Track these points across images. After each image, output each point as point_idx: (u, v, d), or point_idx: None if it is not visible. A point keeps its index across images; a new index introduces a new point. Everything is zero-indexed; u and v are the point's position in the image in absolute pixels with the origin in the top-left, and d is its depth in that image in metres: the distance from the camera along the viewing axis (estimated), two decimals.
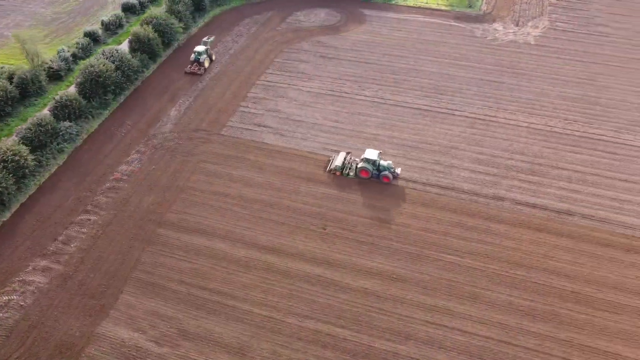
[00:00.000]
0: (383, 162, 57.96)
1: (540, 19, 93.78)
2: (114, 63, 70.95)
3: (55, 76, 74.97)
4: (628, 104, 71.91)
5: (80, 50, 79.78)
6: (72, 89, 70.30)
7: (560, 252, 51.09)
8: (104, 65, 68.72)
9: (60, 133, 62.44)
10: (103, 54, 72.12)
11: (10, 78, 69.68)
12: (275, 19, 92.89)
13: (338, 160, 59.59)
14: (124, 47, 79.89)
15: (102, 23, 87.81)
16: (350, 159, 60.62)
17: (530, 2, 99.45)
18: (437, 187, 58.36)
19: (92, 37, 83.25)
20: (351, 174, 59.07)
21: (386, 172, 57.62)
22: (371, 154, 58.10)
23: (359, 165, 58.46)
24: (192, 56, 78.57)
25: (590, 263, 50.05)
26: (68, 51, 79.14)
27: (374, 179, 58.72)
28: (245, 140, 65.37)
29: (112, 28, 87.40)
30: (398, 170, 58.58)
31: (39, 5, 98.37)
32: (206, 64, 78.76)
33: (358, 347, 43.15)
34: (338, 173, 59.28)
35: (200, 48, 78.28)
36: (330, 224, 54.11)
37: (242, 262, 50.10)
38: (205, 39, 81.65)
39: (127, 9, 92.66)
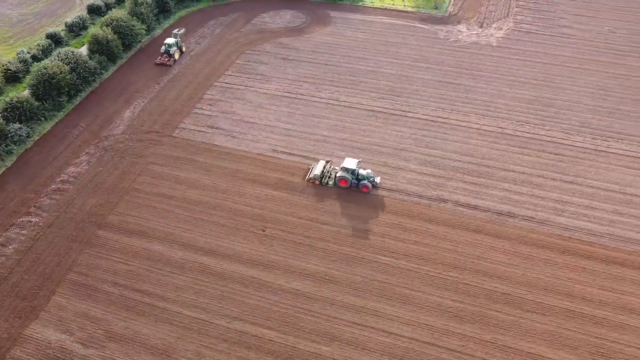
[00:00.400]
0: (362, 171, 57.41)
1: (506, 20, 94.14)
2: (69, 65, 71.12)
3: (13, 78, 75.17)
4: (582, 106, 72.22)
5: (40, 52, 79.97)
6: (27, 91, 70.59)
7: (496, 254, 51.34)
8: (58, 67, 68.92)
9: (9, 135, 62.63)
10: (58, 56, 72.31)
11: None
12: (240, 21, 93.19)
13: (317, 169, 58.75)
14: (86, 49, 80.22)
15: (66, 25, 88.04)
16: (330, 167, 59.94)
17: (497, 3, 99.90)
18: (381, 189, 58.57)
19: (53, 38, 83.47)
20: (330, 182, 58.33)
21: (365, 182, 57.07)
22: (350, 163, 57.35)
23: (337, 175, 57.80)
24: (162, 48, 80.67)
25: (524, 265, 50.31)
26: (28, 53, 79.38)
27: (354, 188, 58.04)
28: (196, 142, 65.62)
29: (76, 30, 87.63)
30: (377, 180, 57.92)
31: (7, 6, 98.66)
32: (176, 56, 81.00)
33: (282, 348, 43.39)
34: (317, 182, 58.55)
35: (170, 40, 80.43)
36: (271, 225, 54.36)
37: (177, 264, 50.34)
38: (175, 31, 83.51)
39: (93, 10, 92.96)
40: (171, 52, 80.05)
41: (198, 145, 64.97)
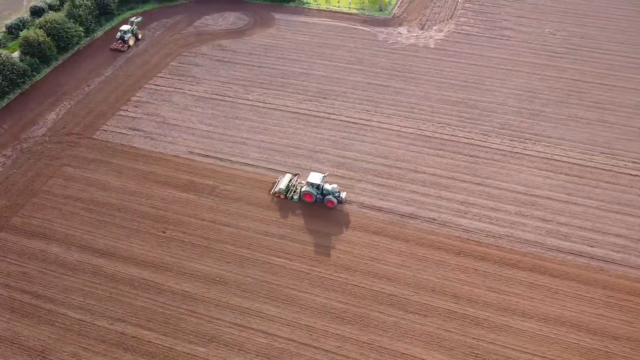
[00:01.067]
0: (327, 186, 55.87)
1: (448, 22, 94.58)
2: None
3: None
4: (506, 108, 72.63)
5: None
6: None
7: (391, 256, 51.66)
8: None
9: None
10: None
11: None
12: (182, 23, 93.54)
13: (282, 183, 57.80)
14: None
15: (6, 27, 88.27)
16: (296, 181, 59.05)
17: (443, 5, 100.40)
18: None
19: None
20: (295, 197, 57.25)
21: (330, 197, 55.63)
22: (314, 177, 55.88)
23: (302, 189, 56.59)
24: (118, 34, 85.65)
25: (416, 266, 50.63)
26: None
27: (319, 203, 56.87)
28: (114, 144, 65.88)
29: (15, 32, 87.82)
30: (343, 195, 56.54)
31: None
32: (131, 42, 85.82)
33: (159, 349, 43.66)
34: (282, 196, 57.50)
35: (125, 27, 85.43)
36: (172, 227, 54.64)
37: (71, 266, 50.59)
38: (132, 19, 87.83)
39: (36, 12, 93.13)
40: (125, 38, 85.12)
41: (115, 147, 65.24)
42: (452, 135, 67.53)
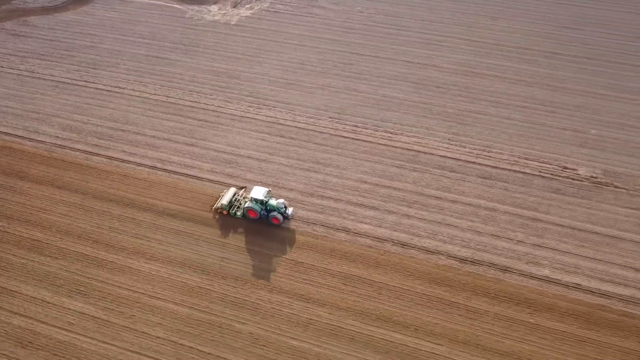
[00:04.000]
0: (272, 202, 51.13)
1: (264, 1, 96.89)
2: None
3: None
4: (266, 78, 74.96)
5: None
6: None
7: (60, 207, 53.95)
8: None
9: None
10: None
11: None
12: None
13: (225, 198, 52.71)
14: None
15: None
16: (241, 196, 53.86)
17: None
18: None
19: None
20: (238, 213, 52.17)
21: (275, 213, 51.03)
22: (258, 192, 51.02)
23: (245, 205, 51.66)
24: None
25: (82, 216, 52.82)
26: None
27: (264, 220, 51.79)
28: None
29: None
30: (290, 211, 51.81)
31: None
32: None
33: None
34: (225, 212, 52.51)
35: None
36: None
37: None
38: None
39: None
40: None
41: None
42: (195, 101, 69.84)
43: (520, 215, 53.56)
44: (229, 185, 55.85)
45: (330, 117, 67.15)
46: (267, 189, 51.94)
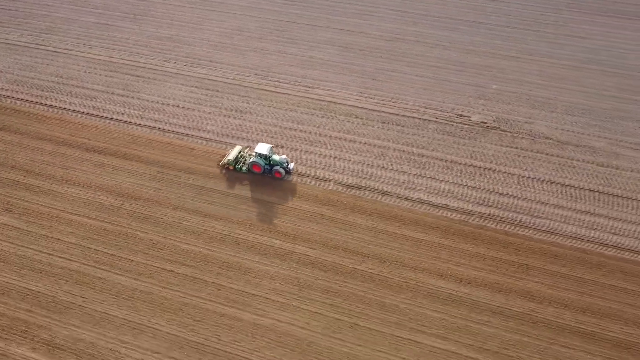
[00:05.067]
0: (275, 157, 55.28)
1: None
2: None
3: None
4: (204, 42, 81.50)
5: None
6: None
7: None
8: None
9: None
10: None
11: None
12: None
13: (232, 154, 56.88)
14: None
15: None
16: (246, 152, 58.19)
17: None
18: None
19: None
20: (244, 168, 56.33)
21: (278, 167, 54.92)
22: (262, 148, 55.07)
23: (250, 160, 55.80)
24: None
25: (42, 159, 59.25)
26: None
27: (267, 175, 56.08)
28: None
29: None
30: (291, 166, 55.90)
31: None
32: None
33: None
34: (231, 167, 56.58)
35: None
36: None
37: None
38: None
39: None
40: None
41: None
42: (135, 61, 76.23)
43: (409, 152, 60.13)
44: (152, 128, 62.36)
45: (256, 74, 73.65)
46: (271, 145, 55.70)
